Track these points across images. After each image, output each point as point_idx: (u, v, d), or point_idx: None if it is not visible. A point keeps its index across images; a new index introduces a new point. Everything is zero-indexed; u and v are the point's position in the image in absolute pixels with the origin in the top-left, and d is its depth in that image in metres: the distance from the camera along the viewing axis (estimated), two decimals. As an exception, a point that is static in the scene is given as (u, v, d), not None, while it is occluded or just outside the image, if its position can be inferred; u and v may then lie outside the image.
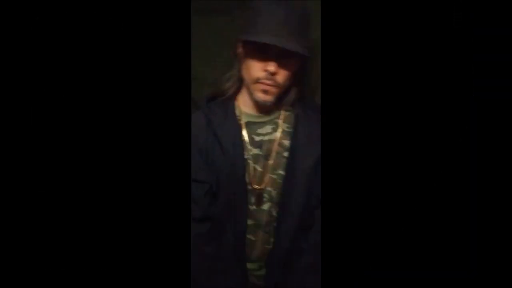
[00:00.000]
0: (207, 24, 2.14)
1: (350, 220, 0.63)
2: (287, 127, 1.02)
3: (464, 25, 0.60)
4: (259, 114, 1.02)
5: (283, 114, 1.03)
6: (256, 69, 0.93)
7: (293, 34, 0.89)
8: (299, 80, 1.01)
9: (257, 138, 1.01)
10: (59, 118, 0.61)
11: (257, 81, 0.94)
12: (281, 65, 0.93)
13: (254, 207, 1.00)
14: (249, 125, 1.02)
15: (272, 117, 1.03)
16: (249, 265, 1.01)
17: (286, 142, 1.01)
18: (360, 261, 0.62)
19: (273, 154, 1.00)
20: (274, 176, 1.00)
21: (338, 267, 0.62)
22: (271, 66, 0.91)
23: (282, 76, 0.94)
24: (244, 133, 1.00)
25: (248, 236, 1.00)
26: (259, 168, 1.00)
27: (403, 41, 0.61)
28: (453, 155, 0.60)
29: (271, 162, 1.00)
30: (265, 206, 1.00)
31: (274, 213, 1.00)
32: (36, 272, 0.60)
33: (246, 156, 0.99)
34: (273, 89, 0.95)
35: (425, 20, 0.61)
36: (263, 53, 0.92)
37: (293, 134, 1.01)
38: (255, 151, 1.00)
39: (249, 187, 0.99)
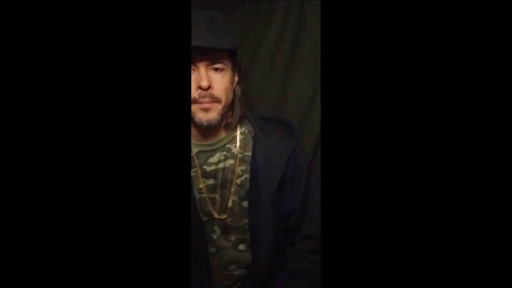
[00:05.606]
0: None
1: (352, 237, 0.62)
2: (240, 152, 0.97)
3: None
4: (206, 142, 0.97)
5: (237, 139, 0.98)
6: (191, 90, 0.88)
7: (218, 35, 0.87)
8: (237, 93, 0.96)
9: (208, 169, 0.96)
10: (57, 117, 0.61)
11: (194, 101, 0.89)
12: (212, 79, 0.89)
13: (219, 236, 0.98)
14: (199, 155, 0.96)
15: (222, 142, 0.97)
16: None
17: (241, 169, 0.97)
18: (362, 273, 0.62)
19: (229, 183, 0.97)
20: (235, 206, 0.97)
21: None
22: (203, 81, 0.87)
23: (217, 90, 0.89)
24: (194, 165, 0.95)
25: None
26: (218, 198, 0.97)
27: (405, 41, 0.61)
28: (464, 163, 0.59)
29: (229, 190, 0.97)
30: (232, 237, 0.98)
31: (242, 247, 0.98)
32: (33, 268, 0.60)
33: (200, 186, 0.96)
34: (214, 105, 0.89)
35: (425, 20, 0.61)
36: (193, 65, 0.87)
37: (251, 159, 0.97)
38: (209, 182, 0.97)
39: (213, 217, 0.97)
